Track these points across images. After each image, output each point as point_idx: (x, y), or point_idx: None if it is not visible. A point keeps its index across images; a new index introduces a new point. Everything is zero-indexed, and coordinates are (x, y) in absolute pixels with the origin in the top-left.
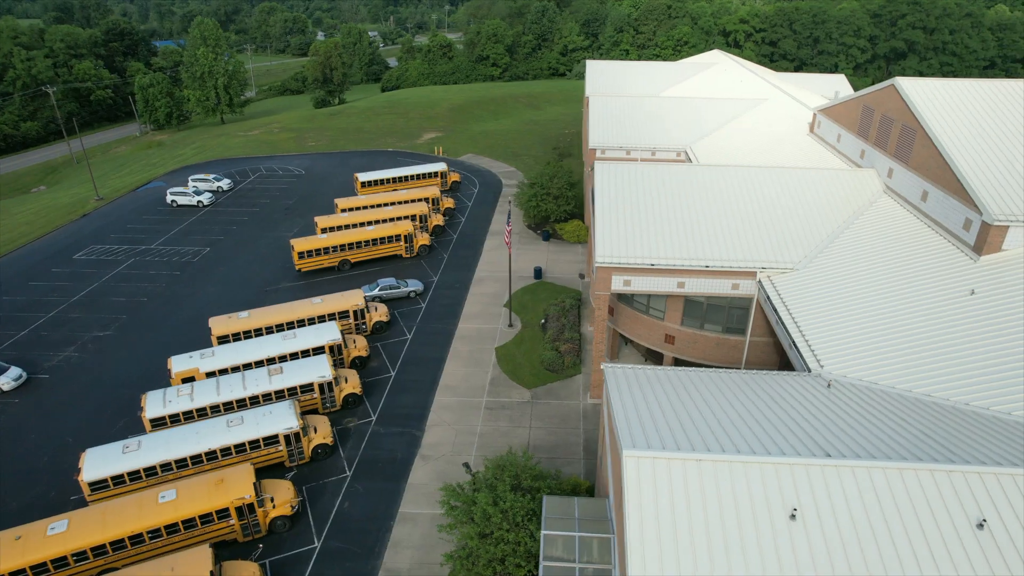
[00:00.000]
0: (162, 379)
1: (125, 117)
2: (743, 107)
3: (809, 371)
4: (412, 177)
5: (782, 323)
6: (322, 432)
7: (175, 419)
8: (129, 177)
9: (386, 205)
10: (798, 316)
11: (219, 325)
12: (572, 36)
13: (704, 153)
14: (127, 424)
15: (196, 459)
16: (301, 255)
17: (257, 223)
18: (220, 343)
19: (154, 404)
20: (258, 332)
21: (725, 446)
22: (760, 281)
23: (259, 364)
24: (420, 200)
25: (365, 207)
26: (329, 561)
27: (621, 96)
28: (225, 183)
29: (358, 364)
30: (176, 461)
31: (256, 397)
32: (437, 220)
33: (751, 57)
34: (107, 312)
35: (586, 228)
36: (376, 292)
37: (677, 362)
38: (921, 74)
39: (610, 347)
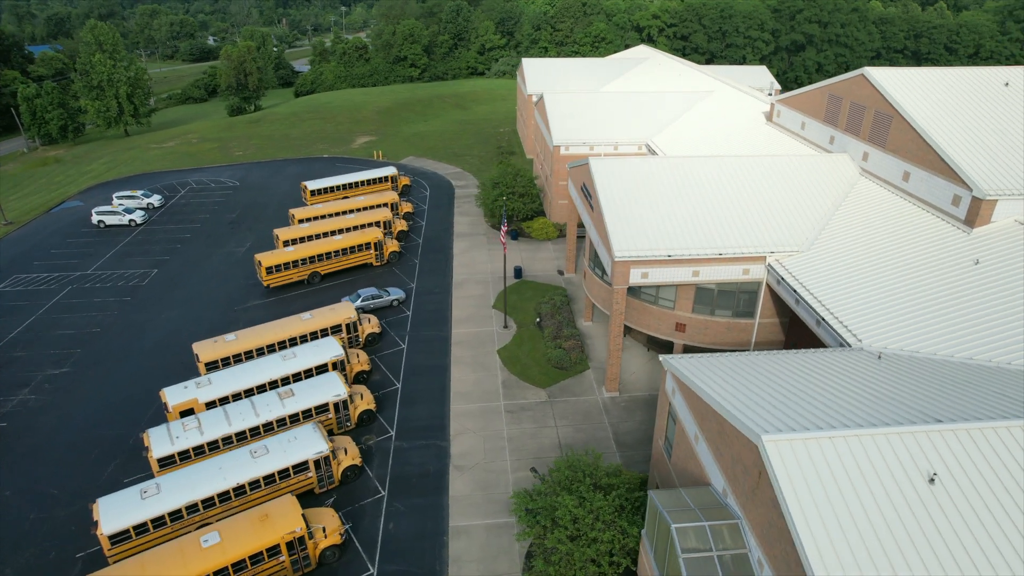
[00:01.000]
0: (142, 414)
1: (2, 132)
2: (692, 99)
3: (848, 345)
4: (363, 183)
5: (804, 302)
6: (351, 453)
7: (185, 456)
8: (35, 197)
9: (347, 213)
10: (819, 294)
11: (206, 350)
12: (489, 35)
13: (666, 145)
14: (119, 467)
15: (224, 496)
16: (269, 270)
17: (203, 240)
18: (209, 370)
19: (160, 442)
20: (248, 355)
21: (844, 421)
22: (770, 265)
23: (261, 388)
24: (381, 206)
25: (324, 216)
26: None
27: (575, 92)
28: (156, 199)
29: (363, 379)
30: (203, 501)
31: (270, 423)
32: (401, 225)
33: (665, 51)
34: (57, 347)
35: (552, 225)
36: (359, 303)
37: (686, 349)
38: (820, 64)
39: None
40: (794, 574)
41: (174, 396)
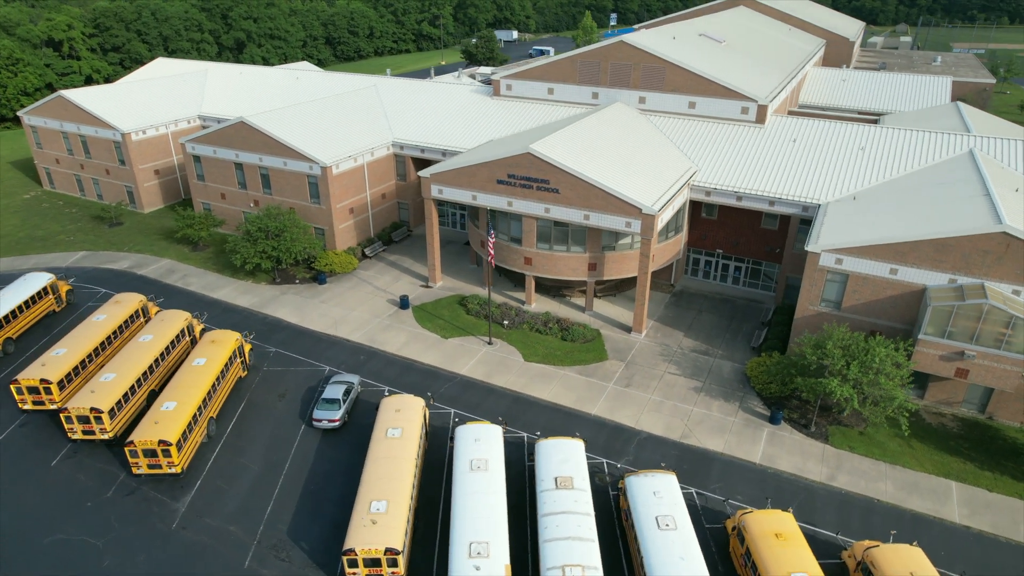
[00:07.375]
0: None
1: None
2: (374, 94)
3: (817, 207)
4: (24, 306)
5: (748, 195)
6: None
7: None
8: None
9: (137, 336)
10: (750, 188)
11: (375, 538)
12: None
13: (422, 137)
14: None
15: None
16: (179, 444)
17: None
18: (391, 567)
19: None
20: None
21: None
22: (692, 185)
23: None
24: (136, 314)
25: (94, 354)
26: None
27: (276, 110)
28: None
29: None
30: None
31: (588, 515)
32: (199, 324)
33: (103, 68)
34: None
35: (346, 254)
36: (344, 410)
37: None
38: (264, 58)
39: (590, 296)
40: None
41: None
